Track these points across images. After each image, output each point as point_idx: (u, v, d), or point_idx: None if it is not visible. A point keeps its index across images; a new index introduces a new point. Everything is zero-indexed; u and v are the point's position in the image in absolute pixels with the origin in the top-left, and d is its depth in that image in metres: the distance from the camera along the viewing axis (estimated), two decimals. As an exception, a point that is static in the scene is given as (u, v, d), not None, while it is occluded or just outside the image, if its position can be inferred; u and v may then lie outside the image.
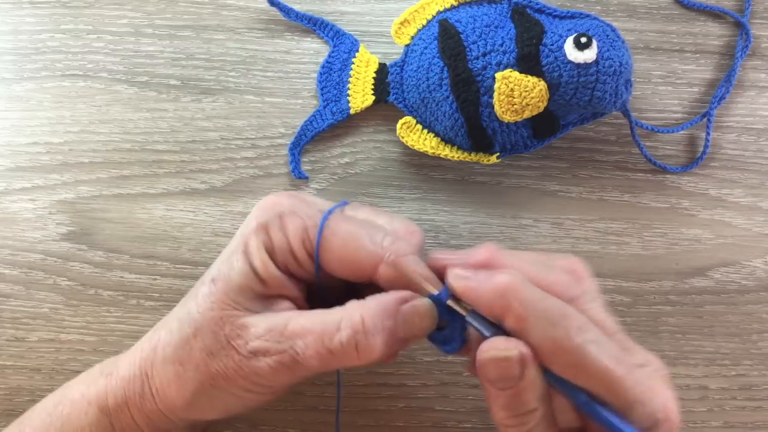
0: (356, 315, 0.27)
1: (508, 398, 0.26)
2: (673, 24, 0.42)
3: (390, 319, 0.27)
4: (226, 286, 0.28)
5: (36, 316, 0.39)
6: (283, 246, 0.29)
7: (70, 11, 0.41)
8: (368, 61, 0.40)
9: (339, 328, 0.27)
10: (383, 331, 0.27)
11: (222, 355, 0.28)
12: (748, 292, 0.40)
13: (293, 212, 0.29)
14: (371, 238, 0.29)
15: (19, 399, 0.39)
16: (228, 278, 0.28)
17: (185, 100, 0.41)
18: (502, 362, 0.26)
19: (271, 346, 0.27)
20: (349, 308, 0.28)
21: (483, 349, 0.26)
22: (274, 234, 0.29)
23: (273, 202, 0.30)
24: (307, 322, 0.27)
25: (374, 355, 0.27)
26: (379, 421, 0.39)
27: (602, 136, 0.41)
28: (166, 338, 0.29)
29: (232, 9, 0.42)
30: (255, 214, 0.30)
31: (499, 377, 0.26)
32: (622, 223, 0.40)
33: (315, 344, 0.27)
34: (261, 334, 0.27)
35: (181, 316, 0.29)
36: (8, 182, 0.40)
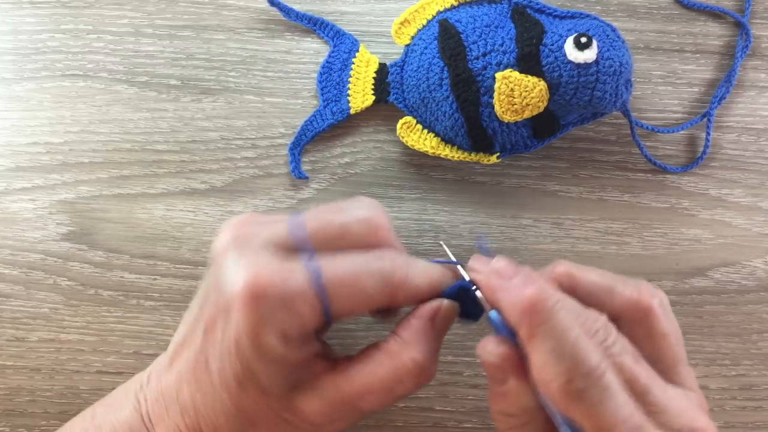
0: (407, 362, 0.28)
1: (496, 395, 0.27)
2: (673, 24, 0.42)
3: (433, 340, 0.28)
4: (256, 385, 0.27)
5: (36, 316, 0.39)
6: (298, 335, 0.27)
7: (70, 11, 0.41)
8: (368, 61, 0.40)
9: (398, 379, 0.27)
10: (432, 353, 0.28)
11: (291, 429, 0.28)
12: (748, 292, 0.40)
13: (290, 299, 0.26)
14: (376, 272, 0.27)
15: (19, 399, 0.39)
16: (253, 377, 0.27)
17: (185, 100, 0.41)
18: (488, 363, 0.27)
19: (335, 416, 0.28)
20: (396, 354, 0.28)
21: (479, 344, 0.27)
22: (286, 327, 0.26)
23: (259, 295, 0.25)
24: (362, 382, 0.28)
25: (431, 379, 0.28)
26: (379, 421, 0.39)
27: (602, 136, 0.41)
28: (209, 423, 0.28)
29: (232, 9, 0.42)
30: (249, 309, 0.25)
31: (488, 373, 0.27)
32: (622, 223, 0.40)
33: (380, 400, 0.28)
34: (323, 412, 0.27)
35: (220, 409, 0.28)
36: (8, 182, 0.40)
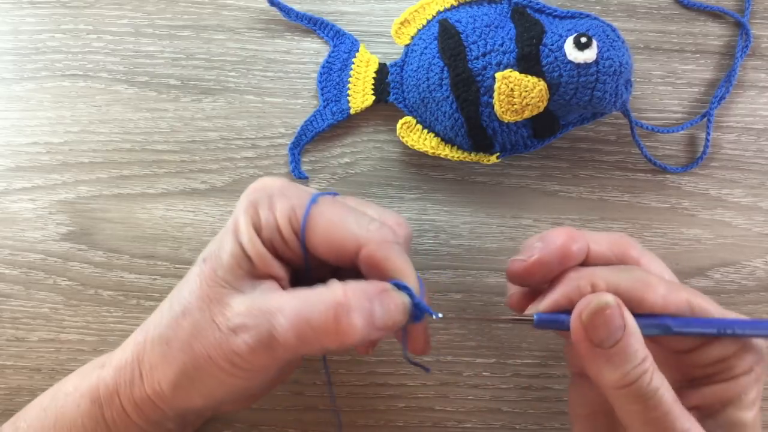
0: (338, 290, 0.27)
1: (618, 355, 0.26)
2: (673, 24, 0.42)
3: (370, 302, 0.27)
4: (215, 265, 0.28)
5: (36, 316, 0.39)
6: (270, 224, 0.28)
7: (70, 11, 0.41)
8: (368, 61, 0.40)
9: (320, 302, 0.27)
10: (363, 310, 0.27)
11: (205, 334, 0.27)
12: (748, 292, 0.40)
13: (283, 193, 0.29)
14: (357, 222, 0.29)
15: (19, 399, 0.39)
16: (217, 257, 0.28)
17: (185, 100, 0.41)
18: (604, 314, 0.26)
19: (249, 322, 0.27)
20: (331, 285, 0.28)
21: (580, 308, 0.27)
22: (262, 212, 0.29)
23: (264, 184, 0.30)
24: (287, 298, 0.27)
25: (354, 334, 0.26)
26: (379, 421, 0.39)
27: (602, 136, 0.41)
28: (156, 319, 0.29)
29: (232, 9, 0.42)
30: (245, 194, 0.30)
31: (606, 334, 0.26)
32: (622, 223, 0.40)
33: (294, 318, 0.26)
34: (242, 311, 0.27)
35: (172, 297, 0.29)
36: (8, 182, 0.40)
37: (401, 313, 0.28)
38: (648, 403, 0.26)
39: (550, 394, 0.39)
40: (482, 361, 0.39)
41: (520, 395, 0.39)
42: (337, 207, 0.29)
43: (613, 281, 0.28)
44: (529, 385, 0.39)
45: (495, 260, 0.40)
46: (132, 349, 0.30)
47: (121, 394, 0.30)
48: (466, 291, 0.40)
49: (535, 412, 0.39)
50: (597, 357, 0.27)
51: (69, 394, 0.31)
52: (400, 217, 0.32)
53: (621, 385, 0.27)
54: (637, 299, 0.28)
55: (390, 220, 0.31)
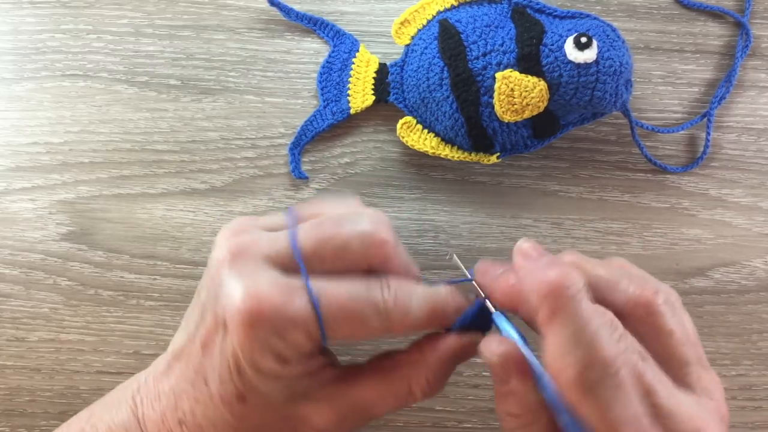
0: (422, 379, 0.28)
1: (500, 394, 0.27)
2: (673, 24, 0.42)
3: (449, 370, 0.29)
4: (258, 398, 0.27)
5: (36, 316, 0.39)
6: (295, 358, 0.27)
7: (70, 11, 0.41)
8: (368, 61, 0.40)
9: (411, 393, 0.28)
10: (443, 379, 0.29)
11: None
12: (748, 292, 0.40)
13: (283, 326, 0.25)
14: (374, 307, 0.27)
15: (19, 399, 0.39)
16: (255, 393, 0.27)
17: (185, 100, 0.41)
18: (488, 362, 0.26)
19: (344, 422, 0.28)
20: (413, 373, 0.28)
21: (480, 344, 0.27)
22: (282, 352, 0.26)
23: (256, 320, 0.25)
24: (376, 392, 0.28)
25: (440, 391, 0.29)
26: (379, 421, 0.39)
27: (602, 136, 0.41)
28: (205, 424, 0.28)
29: (232, 9, 0.42)
30: (245, 332, 0.25)
31: (492, 373, 0.27)
32: (622, 223, 0.40)
33: (386, 410, 0.28)
34: (330, 420, 0.28)
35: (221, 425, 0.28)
36: (8, 182, 0.40)
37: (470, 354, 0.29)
38: None
39: (550, 394, 0.39)
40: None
41: (520, 395, 0.39)
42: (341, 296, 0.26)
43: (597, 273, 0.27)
44: (529, 385, 0.39)
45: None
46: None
47: None
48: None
49: (535, 412, 0.39)
50: None
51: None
52: (374, 221, 0.27)
53: (498, 415, 0.27)
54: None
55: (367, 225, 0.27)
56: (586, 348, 0.23)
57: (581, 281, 0.24)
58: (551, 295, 0.24)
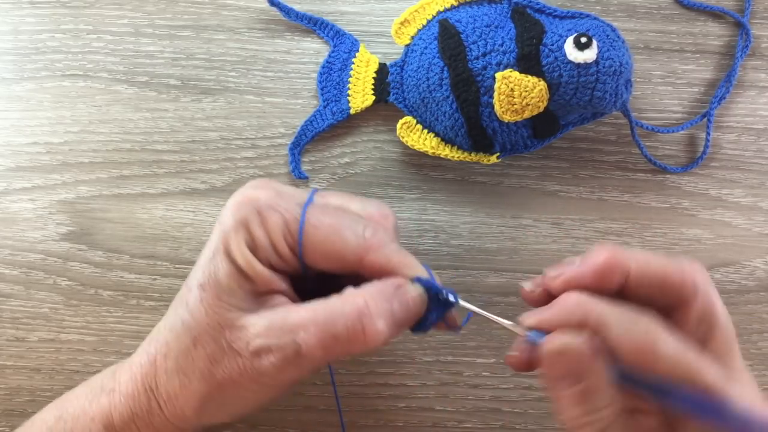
0: (359, 299, 0.27)
1: (579, 394, 0.25)
2: (673, 24, 0.42)
3: (389, 302, 0.27)
4: (215, 290, 0.28)
5: (36, 316, 0.39)
6: (265, 243, 0.28)
7: (70, 11, 0.41)
8: (368, 61, 0.40)
9: (342, 314, 0.27)
10: (385, 313, 0.27)
11: (225, 361, 0.27)
12: (748, 292, 0.40)
13: (271, 207, 0.29)
14: (353, 231, 0.28)
15: (19, 399, 0.39)
16: (216, 281, 0.28)
17: (185, 100, 0.41)
18: (570, 354, 0.25)
19: (272, 342, 0.27)
20: (350, 294, 0.28)
21: (549, 340, 0.26)
22: (254, 231, 0.28)
23: (248, 197, 0.29)
24: (307, 313, 0.27)
25: (380, 338, 0.27)
26: (379, 421, 0.39)
27: (602, 136, 0.41)
28: (163, 350, 0.29)
29: (232, 9, 0.42)
30: (231, 211, 0.29)
31: (567, 371, 0.25)
32: (622, 223, 0.40)
33: (319, 333, 0.27)
34: (261, 333, 0.27)
35: (174, 326, 0.29)
36: (8, 182, 0.40)
37: (420, 304, 0.28)
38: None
39: (550, 394, 0.39)
40: (482, 361, 0.40)
41: (520, 395, 0.39)
42: (329, 217, 0.29)
43: (604, 322, 0.25)
44: (529, 385, 0.39)
45: (495, 260, 0.40)
46: (142, 379, 0.29)
47: (138, 422, 0.30)
48: (466, 291, 0.40)
49: (535, 412, 0.39)
50: (556, 388, 0.26)
51: (78, 417, 0.31)
52: (384, 206, 0.31)
53: (575, 425, 0.26)
54: (627, 350, 0.25)
55: (375, 213, 0.31)
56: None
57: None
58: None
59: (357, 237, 0.28)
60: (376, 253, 0.28)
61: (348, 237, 0.28)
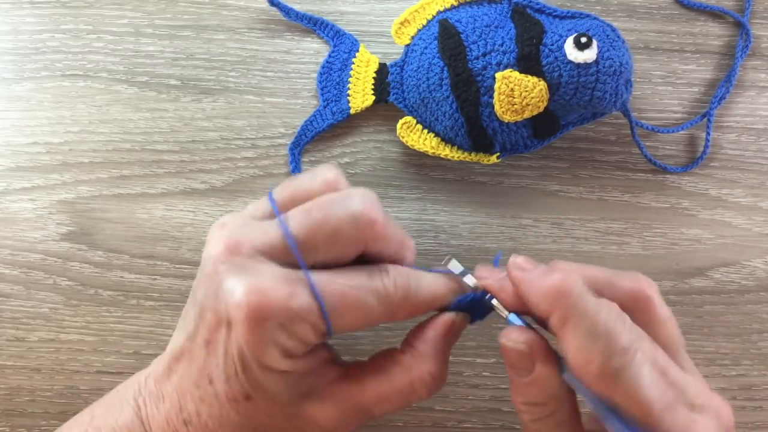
0: (425, 375, 0.28)
1: (519, 386, 0.27)
2: (673, 24, 0.42)
3: (446, 354, 0.29)
4: (264, 397, 0.27)
5: (36, 316, 0.39)
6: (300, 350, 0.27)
7: (70, 11, 0.41)
8: (368, 61, 0.40)
9: (414, 390, 0.28)
10: (446, 365, 0.29)
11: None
12: (748, 292, 0.40)
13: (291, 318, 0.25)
14: (375, 292, 0.27)
15: (19, 399, 0.39)
16: (263, 390, 0.27)
17: (185, 100, 0.41)
18: (512, 352, 0.27)
19: (347, 421, 0.28)
20: (414, 368, 0.28)
21: (502, 334, 0.27)
22: (285, 343, 0.26)
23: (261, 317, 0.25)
24: (376, 394, 0.28)
25: (442, 386, 0.29)
26: (379, 421, 0.39)
27: (602, 136, 0.41)
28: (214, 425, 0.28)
29: (232, 9, 0.42)
30: (249, 336, 0.25)
31: (512, 365, 0.27)
32: (622, 223, 0.40)
33: (394, 408, 0.28)
34: (334, 418, 0.28)
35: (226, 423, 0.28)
36: (8, 182, 0.40)
37: (463, 328, 0.30)
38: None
39: (550, 394, 0.39)
40: (482, 361, 0.39)
41: (520, 395, 0.39)
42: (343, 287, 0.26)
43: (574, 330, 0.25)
44: (529, 385, 0.39)
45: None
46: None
47: None
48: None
49: (535, 412, 0.39)
50: (508, 373, 0.28)
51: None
52: (363, 200, 0.27)
53: (518, 409, 0.28)
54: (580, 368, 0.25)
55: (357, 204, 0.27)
56: (603, 340, 0.24)
57: (581, 280, 0.25)
58: (558, 298, 0.25)
59: (380, 301, 0.27)
60: (407, 306, 0.28)
61: (373, 306, 0.27)
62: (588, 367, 0.24)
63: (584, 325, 0.24)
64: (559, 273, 0.25)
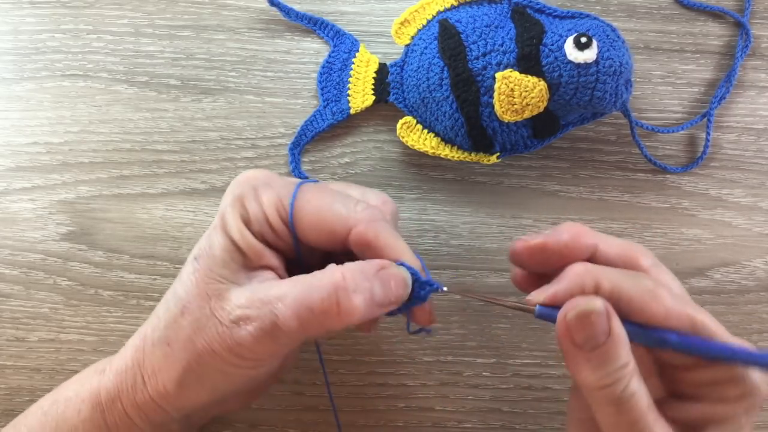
0: (337, 273, 0.27)
1: (599, 358, 0.26)
2: (673, 24, 0.42)
3: (369, 281, 0.27)
4: (208, 262, 0.28)
5: (36, 316, 0.39)
6: (259, 216, 0.29)
7: (70, 11, 0.41)
8: (368, 61, 0.40)
9: (319, 287, 0.27)
10: (363, 290, 0.27)
11: (207, 329, 0.28)
12: (748, 292, 0.40)
13: (267, 184, 0.30)
14: (344, 205, 0.29)
15: (19, 399, 0.39)
16: (210, 254, 0.29)
17: (185, 100, 0.41)
18: (589, 318, 0.26)
19: (251, 312, 0.27)
20: (329, 268, 0.28)
21: (567, 308, 0.26)
22: (249, 205, 0.29)
23: (247, 176, 0.30)
24: (286, 285, 0.28)
25: (354, 315, 0.27)
26: (379, 421, 0.39)
27: (602, 136, 0.41)
28: (154, 322, 0.29)
29: (232, 9, 0.42)
30: (230, 189, 0.30)
31: (588, 336, 0.26)
32: (622, 223, 0.40)
33: (294, 304, 0.27)
34: (242, 303, 0.27)
35: (166, 298, 0.30)
36: (8, 182, 0.40)
37: (402, 288, 0.28)
38: (621, 407, 0.26)
39: (549, 394, 0.39)
40: (482, 361, 0.40)
41: (520, 395, 0.39)
42: (322, 192, 0.30)
43: (617, 284, 0.27)
44: (529, 385, 0.39)
45: (495, 260, 0.40)
46: (131, 354, 0.30)
47: (124, 399, 0.30)
48: (466, 291, 0.40)
49: (535, 412, 0.39)
50: (577, 356, 0.27)
51: (70, 399, 0.31)
52: (384, 195, 0.32)
53: (597, 386, 0.27)
54: (639, 308, 0.27)
55: (374, 198, 0.31)
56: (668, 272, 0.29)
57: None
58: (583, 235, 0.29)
59: (347, 210, 0.29)
60: (365, 226, 0.28)
61: (338, 209, 0.29)
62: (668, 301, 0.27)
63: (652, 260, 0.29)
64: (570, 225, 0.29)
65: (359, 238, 0.29)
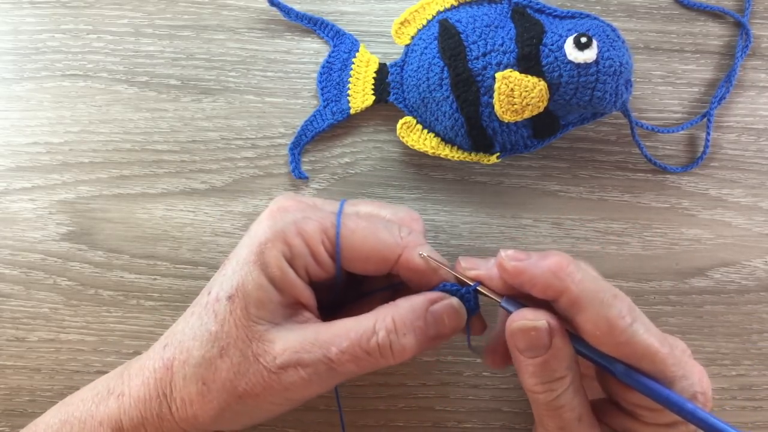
0: (388, 317, 0.28)
1: (537, 366, 0.28)
2: (673, 24, 0.42)
3: (420, 320, 0.29)
4: (244, 301, 0.28)
5: (36, 316, 0.39)
6: (303, 252, 0.29)
7: (70, 11, 0.41)
8: (368, 61, 0.40)
9: (374, 331, 0.28)
10: (414, 330, 0.28)
11: (250, 374, 0.28)
12: (748, 292, 0.40)
13: (306, 216, 0.29)
14: (390, 233, 0.30)
15: (19, 399, 0.39)
16: (245, 293, 0.28)
17: (185, 100, 0.41)
18: (531, 331, 0.27)
19: (303, 357, 0.28)
20: (381, 312, 0.29)
21: (513, 319, 0.28)
22: (292, 240, 0.29)
23: (282, 207, 0.30)
24: (339, 330, 0.28)
25: (407, 355, 0.29)
26: (379, 421, 0.39)
27: (602, 136, 0.41)
28: (182, 356, 0.29)
29: (232, 9, 0.42)
30: (267, 223, 0.29)
31: (528, 346, 0.28)
32: (622, 223, 0.40)
33: (351, 348, 0.28)
34: (291, 347, 0.28)
35: (199, 335, 0.29)
36: (8, 182, 0.40)
37: (456, 319, 0.30)
38: (552, 413, 0.28)
39: (550, 394, 0.39)
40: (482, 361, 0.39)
41: (520, 395, 0.39)
42: (364, 221, 0.30)
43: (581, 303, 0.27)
44: (529, 385, 0.39)
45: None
46: (155, 384, 0.29)
47: (149, 427, 0.30)
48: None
49: (535, 412, 0.39)
50: (518, 358, 0.28)
51: (84, 421, 0.31)
52: (413, 211, 0.33)
53: (531, 390, 0.28)
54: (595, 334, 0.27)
55: (405, 217, 0.32)
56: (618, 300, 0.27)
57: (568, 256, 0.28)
58: (564, 275, 0.27)
59: (393, 237, 0.30)
60: (412, 251, 0.30)
61: (385, 237, 0.30)
62: (613, 333, 0.26)
63: (595, 298, 0.27)
64: (555, 257, 0.27)
65: (409, 265, 0.30)
